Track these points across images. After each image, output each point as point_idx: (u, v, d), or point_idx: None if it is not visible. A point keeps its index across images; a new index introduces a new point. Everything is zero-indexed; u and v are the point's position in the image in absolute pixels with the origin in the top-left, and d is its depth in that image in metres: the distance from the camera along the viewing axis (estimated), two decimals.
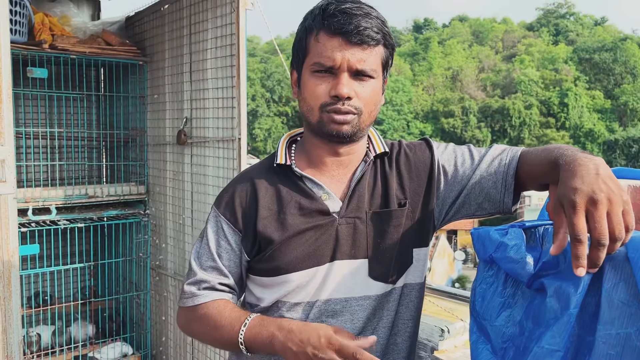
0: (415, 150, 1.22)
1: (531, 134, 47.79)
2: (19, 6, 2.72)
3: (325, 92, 1.08)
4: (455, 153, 1.20)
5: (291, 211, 1.13)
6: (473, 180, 1.15)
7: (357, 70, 1.07)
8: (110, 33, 3.08)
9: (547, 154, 1.02)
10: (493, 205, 1.15)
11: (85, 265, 3.12)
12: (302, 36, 1.12)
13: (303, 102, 1.13)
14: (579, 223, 0.82)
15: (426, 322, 2.10)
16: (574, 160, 0.91)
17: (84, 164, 3.35)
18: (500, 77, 54.05)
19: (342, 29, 1.05)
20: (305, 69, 1.11)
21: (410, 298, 1.19)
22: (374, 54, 1.08)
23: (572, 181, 0.86)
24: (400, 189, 1.17)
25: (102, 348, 3.06)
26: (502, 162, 1.13)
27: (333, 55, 1.06)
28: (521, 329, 0.97)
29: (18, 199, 2.70)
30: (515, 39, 62.98)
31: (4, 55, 1.77)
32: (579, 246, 0.82)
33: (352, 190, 1.15)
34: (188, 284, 1.18)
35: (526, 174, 1.11)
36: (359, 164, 1.18)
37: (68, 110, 3.23)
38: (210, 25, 2.54)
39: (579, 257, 0.82)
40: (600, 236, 0.81)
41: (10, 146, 1.82)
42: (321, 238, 1.12)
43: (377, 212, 1.14)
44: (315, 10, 1.10)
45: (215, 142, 2.56)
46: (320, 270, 1.12)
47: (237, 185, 1.19)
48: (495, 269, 1.02)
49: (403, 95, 49.47)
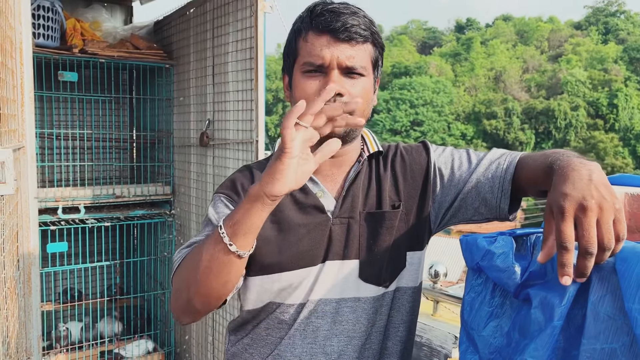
0: (411, 152, 1.20)
1: (577, 136, 46.33)
2: (51, 12, 2.82)
3: (316, 90, 1.07)
4: (452, 156, 1.18)
5: (285, 204, 1.12)
6: (469, 184, 1.13)
7: (347, 67, 1.06)
8: (139, 37, 3.15)
9: (544, 159, 0.99)
10: (490, 210, 1.12)
11: (112, 263, 3.21)
12: (292, 39, 1.12)
13: (294, 103, 1.13)
14: (566, 230, 0.79)
15: (440, 328, 2.06)
16: (568, 165, 0.88)
17: (112, 165, 3.44)
18: (546, 78, 52.64)
19: (330, 26, 1.05)
20: (295, 70, 1.11)
21: (403, 302, 1.17)
22: (363, 51, 1.08)
23: (563, 187, 0.84)
24: (395, 191, 1.16)
25: (128, 345, 3.13)
26: (500, 167, 1.11)
27: (322, 53, 1.06)
28: (508, 340, 0.93)
29: (48, 199, 2.81)
30: (562, 38, 61.23)
31: (26, 61, 1.84)
32: (565, 254, 0.79)
33: (347, 190, 1.14)
34: (178, 250, 1.11)
35: (524, 180, 1.08)
36: (353, 164, 1.17)
37: (97, 112, 3.33)
38: (231, 29, 2.57)
39: (564, 265, 0.79)
40: (587, 244, 0.78)
41: (32, 148, 1.88)
42: (315, 237, 1.12)
43: (370, 212, 1.13)
44: (303, 13, 1.11)
45: (235, 144, 2.59)
46: (313, 271, 1.11)
47: (237, 174, 1.20)
48: (484, 278, 0.99)
49: (444, 97, 48.81)
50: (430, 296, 2.22)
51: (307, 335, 1.12)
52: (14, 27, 1.71)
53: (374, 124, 46.37)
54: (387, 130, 45.95)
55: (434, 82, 49.39)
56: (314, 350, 1.12)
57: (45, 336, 3.11)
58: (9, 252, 1.49)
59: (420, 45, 66.55)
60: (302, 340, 1.12)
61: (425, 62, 54.41)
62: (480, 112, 48.12)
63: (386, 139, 43.60)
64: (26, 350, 1.85)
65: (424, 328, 2.09)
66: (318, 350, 1.12)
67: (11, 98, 1.62)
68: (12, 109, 1.64)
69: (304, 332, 1.11)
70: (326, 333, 1.12)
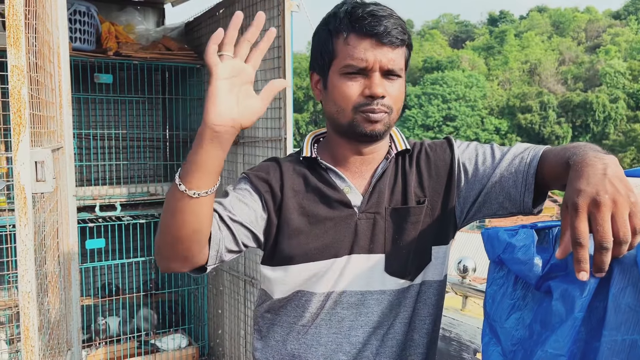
0: (436, 149, 1.22)
1: (617, 129, 44.98)
2: (87, 16, 2.92)
3: (358, 92, 1.10)
4: (476, 151, 1.19)
5: (313, 198, 1.16)
6: (494, 179, 1.14)
7: (387, 70, 1.10)
8: (170, 39, 3.23)
9: (564, 153, 1.00)
10: (514, 204, 1.13)
11: (147, 259, 3.30)
12: (327, 39, 1.14)
13: (332, 104, 1.15)
14: (580, 226, 0.80)
15: (469, 323, 2.07)
16: (583, 160, 0.89)
17: (146, 164, 3.54)
18: (583, 70, 51.26)
19: (374, 30, 1.08)
20: (333, 71, 1.13)
21: (428, 295, 1.20)
22: (401, 54, 1.12)
23: (578, 182, 0.84)
24: (420, 187, 1.18)
25: (163, 338, 3.22)
26: (523, 161, 1.11)
27: (365, 56, 1.08)
28: (530, 332, 0.94)
29: (86, 197, 2.91)
30: (599, 29, 59.53)
31: (63, 65, 1.92)
32: (579, 250, 0.80)
33: (373, 186, 1.17)
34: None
35: (547, 174, 1.08)
36: (381, 161, 1.20)
37: (131, 113, 3.43)
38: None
39: (580, 261, 0.80)
40: (602, 239, 0.79)
41: (70, 148, 1.96)
42: (340, 230, 1.15)
43: (396, 208, 1.16)
44: (339, 14, 1.12)
45: (265, 142, 2.64)
46: (338, 262, 1.15)
47: (265, 163, 1.22)
48: (506, 271, 1.00)
49: (477, 91, 48.07)
50: (459, 291, 2.22)
51: (332, 325, 1.15)
52: (52, 32, 1.79)
53: (405, 120, 46.02)
54: (419, 126, 45.53)
55: (466, 77, 48.68)
56: (339, 339, 1.15)
57: (85, 329, 3.23)
58: (49, 247, 1.57)
59: (452, 39, 65.69)
60: (327, 329, 1.15)
61: (458, 56, 53.67)
62: (514, 106, 47.19)
63: (418, 135, 43.21)
64: (67, 341, 1.93)
65: (452, 323, 2.10)
66: (343, 340, 1.15)
67: (50, 100, 1.69)
68: (51, 111, 1.71)
69: (330, 321, 1.15)
70: (351, 323, 1.15)
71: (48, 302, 1.52)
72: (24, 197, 1.08)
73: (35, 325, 1.11)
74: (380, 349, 1.16)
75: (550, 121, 45.39)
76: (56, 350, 1.64)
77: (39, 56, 1.50)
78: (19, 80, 1.07)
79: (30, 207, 1.09)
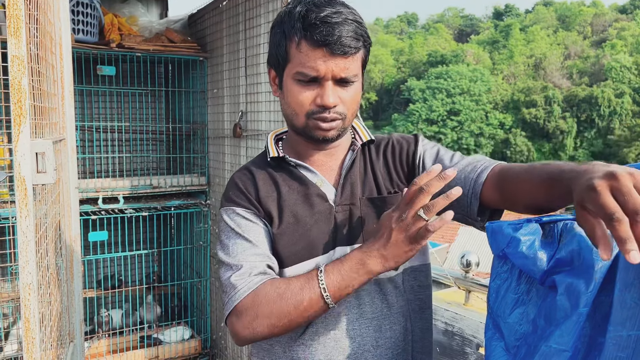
0: (402, 142, 1.25)
1: (622, 124, 44.73)
2: (90, 8, 2.91)
3: (310, 100, 1.10)
4: (438, 152, 1.22)
5: (291, 198, 1.17)
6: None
7: (341, 78, 1.09)
8: (173, 31, 3.22)
9: (541, 168, 0.97)
10: (462, 208, 1.13)
11: (150, 252, 3.30)
12: (281, 41, 1.11)
13: (287, 106, 1.14)
14: (608, 201, 0.72)
15: (472, 318, 2.06)
16: (577, 166, 0.87)
17: (149, 156, 3.54)
18: (589, 64, 50.95)
19: (325, 40, 1.04)
20: (287, 75, 1.12)
21: (415, 281, 1.22)
22: (356, 61, 1.10)
23: (584, 176, 0.80)
24: (389, 179, 1.21)
25: (166, 331, 3.23)
26: (475, 169, 1.12)
27: (317, 66, 1.06)
28: (534, 327, 0.93)
29: (89, 189, 2.91)
30: (605, 23, 59.10)
31: (65, 56, 1.90)
32: (620, 227, 0.70)
33: (344, 178, 1.19)
34: (236, 275, 1.09)
35: (510, 188, 1.05)
36: (347, 152, 1.23)
37: (134, 105, 3.42)
38: (263, 20, 2.60)
39: (625, 239, 0.69)
40: (636, 206, 0.70)
41: (72, 140, 1.95)
42: (322, 226, 1.16)
43: (370, 198, 1.18)
44: (293, 16, 1.08)
45: (267, 135, 2.62)
46: (325, 259, 1.15)
47: (237, 179, 1.22)
48: (510, 265, 0.99)
49: (481, 85, 47.82)
50: (462, 285, 2.21)
51: (328, 322, 1.15)
52: (54, 23, 1.78)
53: (409, 114, 45.89)
54: (423, 120, 45.38)
55: (471, 71, 48.44)
56: (337, 335, 1.14)
57: (87, 321, 3.24)
58: (51, 239, 1.56)
59: (457, 33, 65.36)
60: (324, 327, 1.15)
61: (462, 50, 53.41)
62: (519, 101, 46.97)
63: (422, 129, 43.06)
64: (69, 333, 1.93)
65: (455, 317, 2.09)
66: (341, 335, 1.14)
67: (52, 92, 1.68)
68: (53, 102, 1.70)
69: (325, 319, 1.14)
70: (347, 318, 1.15)
71: (50, 294, 1.51)
72: (24, 189, 1.07)
73: (36, 317, 1.11)
74: (380, 341, 1.16)
75: (555, 116, 45.18)
76: (58, 342, 1.64)
77: (41, 47, 1.49)
78: (19, 70, 1.06)
79: (31, 198, 1.08)
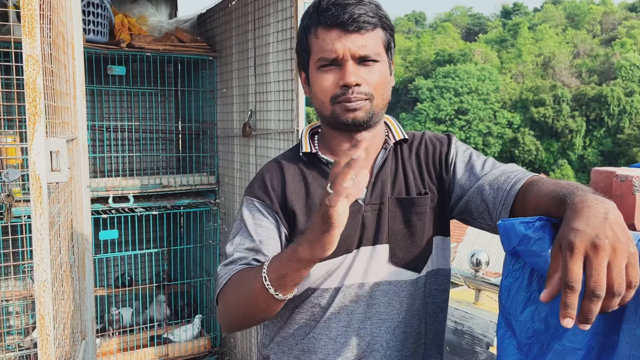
0: (435, 142, 1.23)
1: (632, 122, 44.37)
2: (101, 8, 2.93)
3: (334, 83, 1.10)
4: (471, 156, 1.20)
5: (319, 196, 1.14)
6: (475, 189, 1.15)
7: (360, 57, 1.09)
8: (183, 30, 3.23)
9: (557, 188, 0.96)
10: (492, 218, 1.12)
11: (159, 250, 3.32)
12: (302, 37, 1.15)
13: (315, 99, 1.16)
14: (574, 268, 0.74)
15: (482, 317, 2.05)
16: (583, 200, 0.84)
17: (158, 155, 3.56)
18: (598, 63, 50.60)
19: (338, 19, 1.07)
20: (311, 67, 1.14)
21: (434, 286, 1.20)
22: (374, 38, 1.10)
23: (576, 222, 0.79)
24: (420, 178, 1.19)
25: (176, 330, 3.25)
26: (508, 181, 1.11)
27: (334, 47, 1.08)
28: (546, 326, 0.93)
29: (99, 188, 2.93)
30: (615, 21, 58.67)
31: (77, 56, 1.92)
32: (569, 294, 0.73)
33: (375, 177, 1.18)
34: (223, 265, 1.14)
35: (531, 202, 1.04)
36: (379, 151, 1.21)
37: (144, 104, 3.45)
38: (272, 19, 2.61)
39: (567, 306, 0.73)
40: (596, 286, 0.73)
41: (84, 139, 1.97)
42: (349, 225, 1.13)
43: (399, 198, 1.17)
44: (309, 9, 1.13)
45: (277, 134, 2.63)
46: (349, 257, 1.15)
47: (266, 172, 1.22)
48: (522, 263, 0.99)
49: (489, 84, 47.61)
50: (472, 284, 2.21)
51: (341, 319, 1.15)
52: (66, 24, 1.79)
53: (417, 113, 45.76)
54: (431, 119, 45.24)
55: (479, 70, 48.22)
56: (348, 332, 1.14)
57: (98, 319, 3.26)
58: (64, 237, 1.58)
59: (465, 32, 65.11)
60: (337, 323, 1.15)
61: (470, 49, 53.18)
62: (527, 100, 46.71)
63: (430, 129, 42.94)
64: (81, 331, 1.95)
65: (465, 316, 2.09)
66: (353, 333, 1.14)
67: (64, 91, 1.70)
68: (66, 101, 1.72)
69: (339, 315, 1.14)
70: (360, 316, 1.15)
71: (63, 291, 1.53)
72: (39, 187, 1.08)
73: (50, 314, 1.12)
74: (391, 342, 1.16)
75: (564, 115, 44.90)
76: (71, 339, 1.66)
77: (54, 47, 1.50)
78: (34, 69, 1.07)
79: (45, 196, 1.09)
